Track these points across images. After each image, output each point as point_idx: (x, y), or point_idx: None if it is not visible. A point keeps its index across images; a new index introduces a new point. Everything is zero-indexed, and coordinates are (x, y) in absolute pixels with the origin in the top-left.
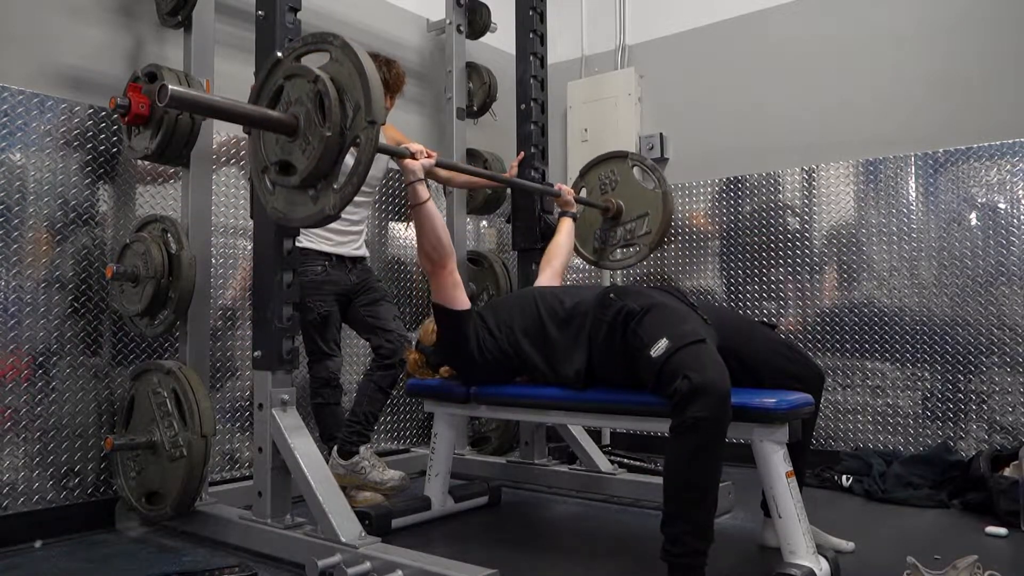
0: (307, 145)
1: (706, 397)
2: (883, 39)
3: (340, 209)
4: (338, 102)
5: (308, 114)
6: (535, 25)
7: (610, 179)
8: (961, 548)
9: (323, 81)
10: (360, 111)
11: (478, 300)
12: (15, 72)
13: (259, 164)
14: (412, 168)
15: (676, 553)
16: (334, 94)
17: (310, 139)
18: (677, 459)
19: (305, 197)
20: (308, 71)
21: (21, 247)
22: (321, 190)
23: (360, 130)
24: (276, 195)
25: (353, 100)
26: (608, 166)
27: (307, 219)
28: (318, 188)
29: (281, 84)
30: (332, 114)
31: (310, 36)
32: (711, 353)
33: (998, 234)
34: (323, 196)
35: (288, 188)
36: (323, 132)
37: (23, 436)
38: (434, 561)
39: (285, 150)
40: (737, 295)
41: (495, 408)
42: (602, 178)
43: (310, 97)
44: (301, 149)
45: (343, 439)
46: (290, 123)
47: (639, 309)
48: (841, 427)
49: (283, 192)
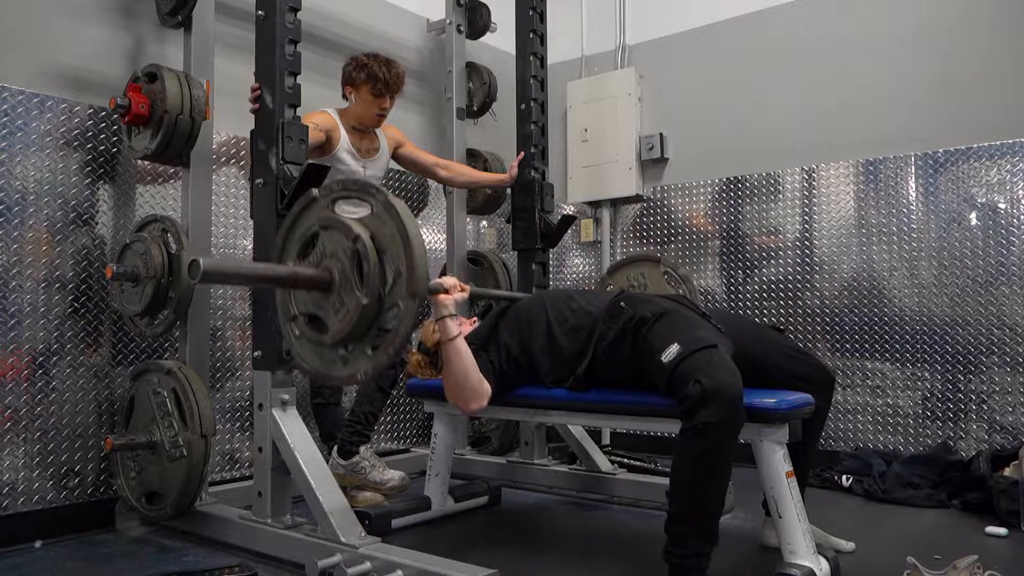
0: (341, 306)
1: (717, 402)
2: (883, 39)
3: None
4: (378, 266)
5: (344, 273)
6: (535, 25)
7: (640, 282)
8: (961, 548)
9: (363, 242)
10: (401, 279)
11: (478, 300)
12: (15, 72)
13: (287, 314)
14: (445, 303)
15: (679, 554)
16: (374, 257)
17: (344, 301)
18: (685, 461)
19: (335, 356)
20: (347, 227)
21: (21, 247)
22: (352, 352)
23: (399, 299)
24: (303, 345)
25: (394, 265)
26: (639, 268)
27: (339, 379)
28: (349, 350)
29: (316, 231)
30: (371, 279)
31: (352, 183)
32: (723, 358)
33: (998, 234)
34: (354, 359)
35: (318, 344)
36: (360, 298)
37: (23, 436)
38: (434, 561)
39: (317, 305)
40: (737, 295)
41: (495, 408)
42: (631, 279)
43: (347, 255)
44: (334, 308)
45: (343, 439)
46: (324, 280)
47: (651, 316)
48: (841, 427)
49: (312, 346)
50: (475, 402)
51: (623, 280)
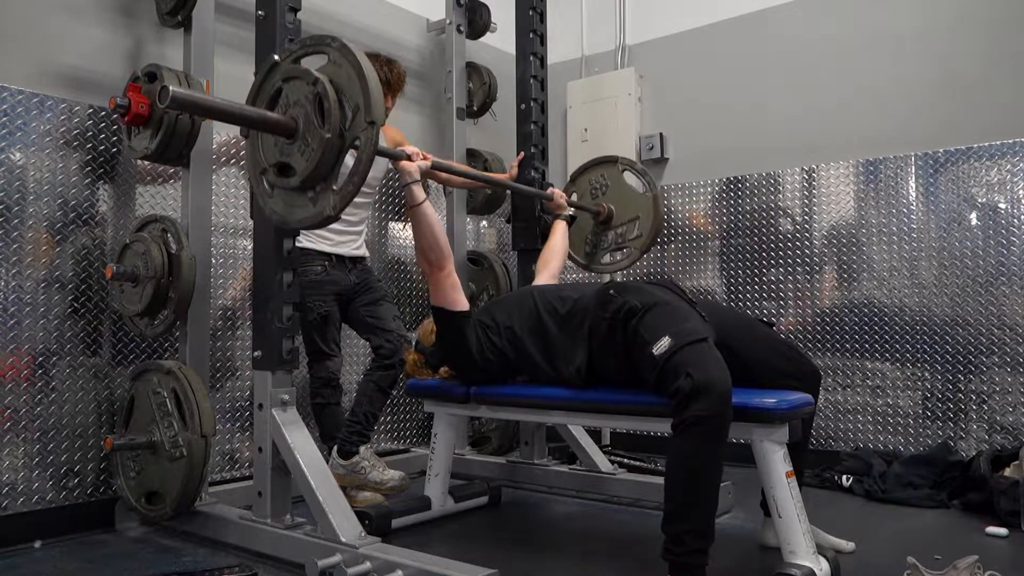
0: (306, 147)
1: (708, 396)
2: (883, 39)
3: (340, 210)
4: (337, 104)
5: (307, 116)
6: (535, 25)
7: (600, 183)
8: (961, 548)
9: (322, 83)
10: (359, 112)
11: (478, 300)
12: (15, 72)
13: (257, 166)
14: (408, 169)
15: (677, 552)
16: (333, 96)
17: (309, 141)
18: (678, 458)
19: (304, 199)
20: (307, 73)
21: (21, 247)
22: (320, 192)
23: (360, 131)
24: (275, 197)
25: (352, 101)
26: (598, 171)
27: (306, 220)
28: (317, 190)
29: (280, 86)
30: (331, 116)
31: (308, 39)
32: (713, 352)
33: (998, 234)
34: (322, 198)
35: (287, 190)
36: (322, 134)
37: (23, 436)
38: (434, 561)
39: (284, 152)
40: (737, 295)
41: (495, 408)
42: (593, 182)
43: (309, 99)
44: (300, 151)
45: (343, 439)
46: (289, 125)
47: (640, 306)
48: (841, 427)
49: (282, 194)
50: (446, 262)
51: (585, 185)
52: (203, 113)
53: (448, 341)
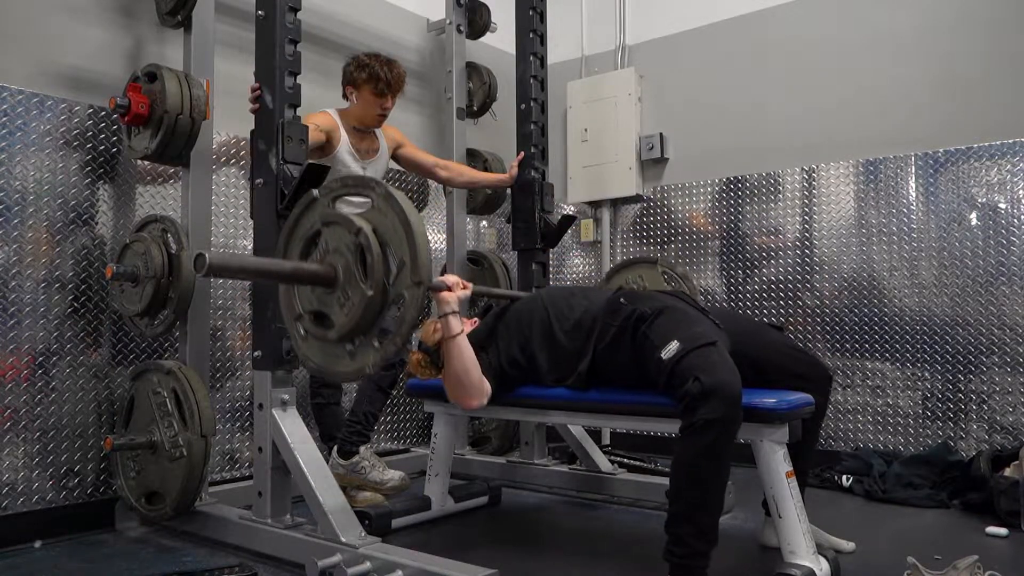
0: (346, 300)
1: (717, 399)
2: (883, 39)
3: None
4: (381, 258)
5: (348, 267)
6: (535, 25)
7: (639, 284)
8: (961, 548)
9: (365, 234)
10: (405, 268)
11: (478, 300)
12: (15, 72)
13: (292, 312)
14: (448, 300)
15: (679, 554)
16: (376, 249)
17: (349, 294)
18: (684, 460)
19: (342, 351)
20: (348, 221)
21: (21, 247)
22: (359, 346)
23: (404, 288)
24: (309, 343)
25: (397, 256)
26: (636, 271)
27: (347, 376)
28: (356, 344)
29: (319, 229)
30: (374, 271)
31: (350, 179)
32: (722, 355)
33: (998, 234)
34: (361, 353)
35: (324, 341)
36: (364, 290)
37: (23, 436)
38: (434, 561)
39: (321, 301)
40: (737, 295)
41: (495, 408)
42: (629, 282)
43: (350, 249)
44: (339, 303)
45: (343, 439)
46: (328, 275)
47: (650, 312)
48: (841, 427)
49: (318, 343)
50: (475, 400)
51: (622, 283)
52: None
53: None
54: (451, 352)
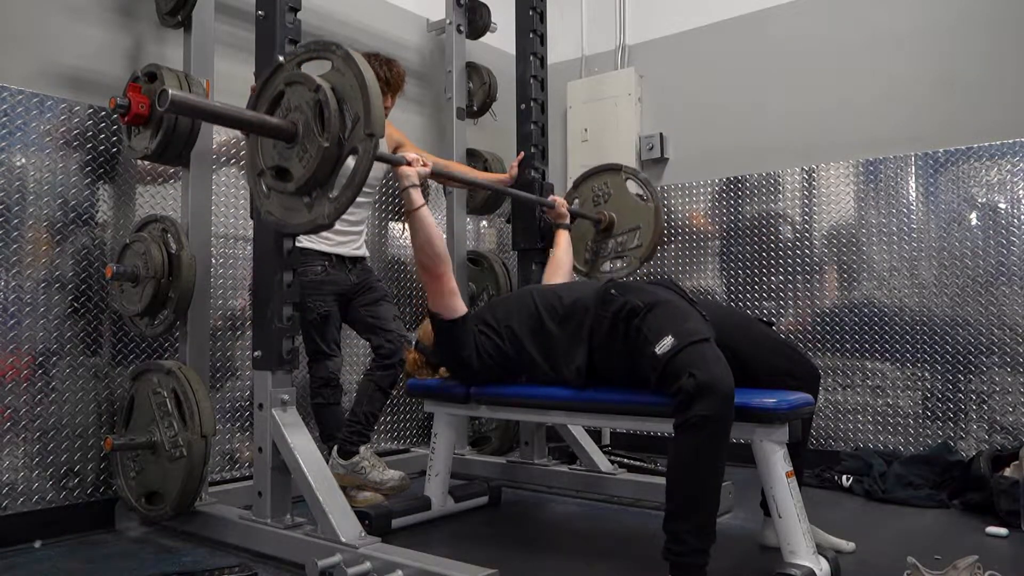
0: (304, 153)
1: (711, 396)
2: (883, 39)
3: (334, 219)
4: (338, 112)
5: (307, 122)
6: (535, 25)
7: (603, 191)
8: (961, 548)
9: (324, 91)
10: (359, 122)
11: (478, 300)
12: (15, 72)
13: (255, 168)
14: (407, 174)
15: (678, 552)
16: (334, 104)
17: (308, 147)
18: (680, 457)
19: (300, 204)
20: (309, 79)
21: (21, 247)
22: (316, 198)
23: (358, 141)
24: (271, 199)
25: (353, 111)
26: (601, 178)
27: (301, 226)
28: (313, 196)
29: (282, 90)
30: (331, 124)
31: (313, 43)
32: (716, 352)
33: (998, 234)
34: (318, 204)
35: (284, 194)
36: (321, 142)
37: (23, 436)
38: (434, 561)
39: (283, 156)
40: (737, 295)
41: (495, 408)
42: (595, 190)
43: (310, 105)
44: (298, 156)
45: (343, 439)
46: (288, 130)
47: (642, 306)
48: (841, 427)
49: (278, 197)
50: (442, 268)
51: (588, 192)
52: (202, 116)
53: (445, 347)
54: (415, 224)
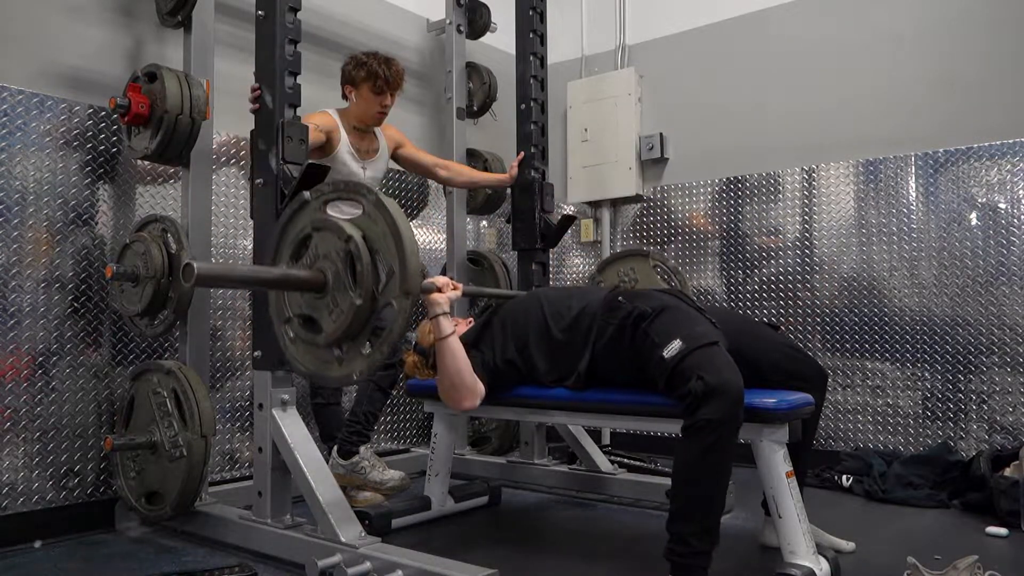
0: (335, 307)
1: (720, 399)
2: (883, 39)
3: (367, 375)
4: (371, 266)
5: (337, 274)
6: (535, 25)
7: (630, 277)
8: (961, 548)
9: (355, 242)
10: (394, 277)
11: (478, 300)
12: (15, 72)
13: (281, 315)
14: (438, 301)
15: (680, 553)
16: (367, 257)
17: (338, 301)
18: (687, 459)
19: (331, 356)
20: (339, 228)
21: (21, 247)
22: (347, 352)
23: (393, 297)
24: (298, 347)
25: (386, 264)
26: (628, 263)
27: (337, 381)
28: (344, 350)
29: (309, 233)
30: (364, 279)
31: (343, 184)
32: (724, 355)
33: (998, 234)
34: (350, 360)
35: (313, 345)
36: (353, 299)
37: (23, 436)
38: (434, 561)
39: (311, 306)
40: (737, 295)
41: (495, 408)
42: (621, 275)
43: (340, 256)
44: (328, 309)
45: (343, 439)
46: (318, 281)
47: (650, 311)
48: (841, 427)
49: (306, 347)
50: (467, 401)
51: (614, 276)
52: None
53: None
54: (443, 353)
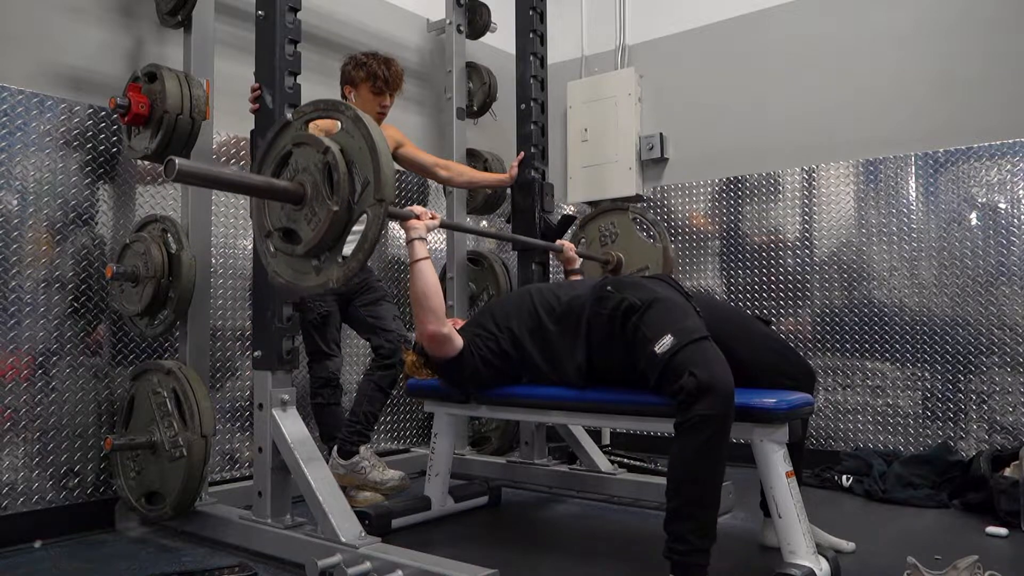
0: (313, 216)
1: (712, 395)
2: (883, 39)
3: (343, 283)
4: (347, 175)
5: (316, 184)
6: (535, 25)
7: (610, 231)
8: (961, 548)
9: (332, 153)
10: (369, 187)
11: (478, 300)
12: (15, 72)
13: (262, 229)
14: (415, 227)
15: (679, 551)
16: (343, 167)
17: (316, 210)
18: (681, 456)
19: (309, 266)
20: (318, 141)
21: (21, 247)
22: (325, 261)
23: (368, 206)
24: (279, 260)
25: (362, 175)
26: (608, 218)
27: (311, 288)
28: (322, 259)
29: (289, 150)
30: (340, 188)
31: (322, 102)
32: (715, 350)
33: (998, 234)
34: (327, 268)
35: (292, 256)
36: (330, 206)
37: (23, 436)
38: (434, 561)
39: (291, 218)
40: (737, 295)
41: (495, 408)
42: (602, 230)
43: (318, 167)
44: (307, 219)
45: (343, 439)
46: (297, 192)
47: (640, 303)
48: (841, 427)
49: (286, 259)
50: (432, 325)
51: (595, 232)
52: (209, 184)
53: (447, 377)
54: (414, 275)
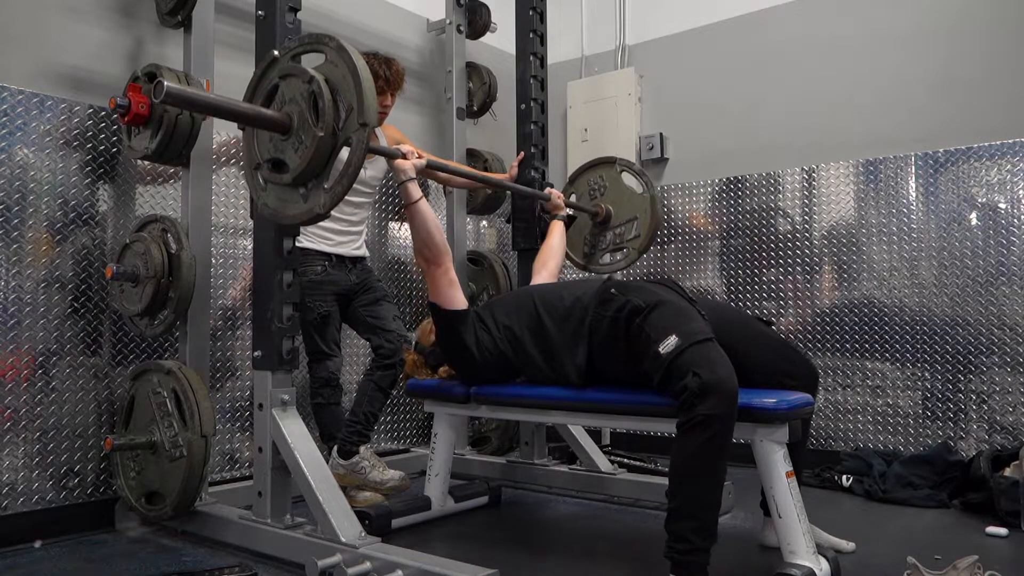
0: (299, 144)
1: (716, 395)
2: (883, 39)
3: (330, 208)
4: (331, 103)
5: (302, 114)
6: (535, 25)
7: (599, 184)
8: (961, 548)
9: (317, 82)
10: (353, 112)
11: (478, 300)
12: (15, 72)
13: (252, 161)
14: (403, 167)
15: (680, 551)
16: (328, 95)
17: (303, 138)
18: (683, 456)
19: (296, 195)
20: (303, 71)
21: (21, 247)
22: (312, 189)
23: (352, 131)
24: (268, 192)
25: (346, 102)
26: (597, 171)
27: (297, 217)
28: (309, 187)
29: (276, 83)
30: (325, 115)
31: (307, 36)
32: (719, 351)
33: (998, 234)
34: (313, 195)
35: (279, 186)
36: (316, 132)
37: (23, 436)
38: (434, 561)
39: (278, 148)
40: (737, 295)
41: (495, 408)
42: (591, 183)
43: (304, 97)
44: (294, 148)
45: (343, 439)
46: (283, 122)
47: (644, 305)
48: (841, 427)
49: (275, 189)
50: (438, 263)
51: (584, 186)
52: (198, 108)
53: (446, 339)
54: (413, 216)
